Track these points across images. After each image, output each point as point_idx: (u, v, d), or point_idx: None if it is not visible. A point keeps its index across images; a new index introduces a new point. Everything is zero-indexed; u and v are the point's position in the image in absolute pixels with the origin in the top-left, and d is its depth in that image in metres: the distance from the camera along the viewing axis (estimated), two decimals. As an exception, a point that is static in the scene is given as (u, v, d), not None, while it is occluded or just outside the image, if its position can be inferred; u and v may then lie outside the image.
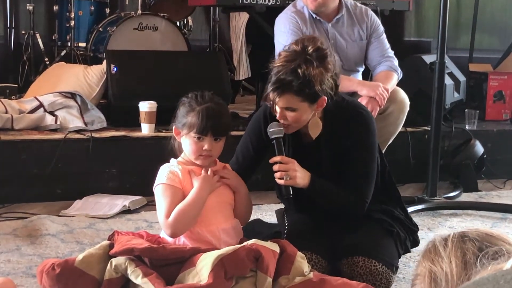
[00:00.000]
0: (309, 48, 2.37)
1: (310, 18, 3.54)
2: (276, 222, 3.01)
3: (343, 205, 2.50)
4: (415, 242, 2.66)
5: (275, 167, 2.37)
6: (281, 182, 2.36)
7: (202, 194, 2.27)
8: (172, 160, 2.38)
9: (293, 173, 2.36)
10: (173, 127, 2.36)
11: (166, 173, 2.30)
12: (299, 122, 2.44)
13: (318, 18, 3.53)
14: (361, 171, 2.49)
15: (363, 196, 2.48)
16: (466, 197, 3.94)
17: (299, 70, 2.32)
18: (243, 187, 2.42)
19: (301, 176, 2.38)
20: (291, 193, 2.39)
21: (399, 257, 2.54)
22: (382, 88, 3.32)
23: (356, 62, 3.62)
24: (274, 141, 2.43)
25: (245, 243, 2.15)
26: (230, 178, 2.38)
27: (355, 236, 2.47)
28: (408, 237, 2.60)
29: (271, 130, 2.45)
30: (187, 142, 2.31)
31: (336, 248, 2.47)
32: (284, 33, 3.51)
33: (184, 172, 2.31)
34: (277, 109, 2.41)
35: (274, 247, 2.17)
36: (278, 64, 2.37)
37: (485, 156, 4.22)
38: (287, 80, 2.34)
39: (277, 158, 2.38)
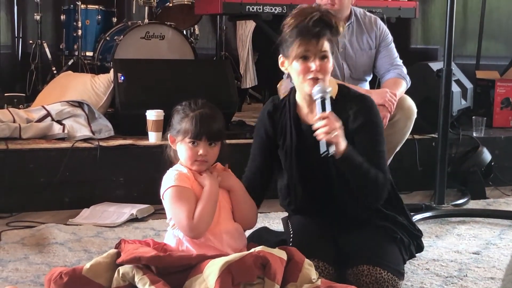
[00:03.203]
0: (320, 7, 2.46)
1: None
2: (283, 230, 3.01)
3: (373, 181, 2.40)
4: (420, 247, 2.66)
5: (321, 123, 2.28)
6: (327, 137, 2.27)
7: (215, 190, 2.28)
8: (176, 165, 2.38)
9: (339, 131, 2.29)
10: (168, 135, 2.37)
11: (174, 175, 2.30)
12: (329, 72, 2.41)
13: None
14: (377, 150, 2.45)
15: (386, 174, 2.44)
16: (474, 204, 3.93)
17: (325, 18, 2.37)
18: (236, 184, 2.40)
19: (343, 140, 2.31)
20: (330, 151, 2.28)
21: (404, 263, 2.53)
22: (389, 93, 3.32)
23: (365, 71, 3.63)
24: (319, 99, 2.35)
25: (252, 250, 2.15)
26: (221, 177, 2.36)
27: (358, 244, 2.45)
28: (412, 242, 2.59)
29: (316, 89, 2.36)
30: (182, 148, 2.32)
31: (340, 255, 2.46)
32: None
33: (190, 172, 2.32)
34: (311, 65, 2.36)
35: (282, 254, 2.17)
36: (297, 17, 2.38)
37: (492, 163, 4.21)
38: (326, 21, 2.37)
39: (325, 114, 2.31)
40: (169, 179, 2.30)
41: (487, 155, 4.20)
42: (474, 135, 4.47)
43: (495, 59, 6.30)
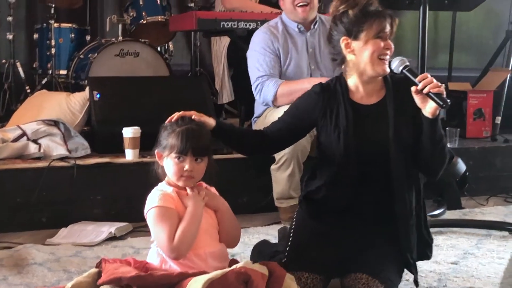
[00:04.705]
0: None
1: (284, 32, 3.78)
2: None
3: (444, 147, 2.49)
4: (426, 255, 2.68)
5: (426, 81, 2.37)
6: (437, 89, 2.38)
7: (198, 211, 2.29)
8: (161, 184, 2.39)
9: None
10: (155, 151, 2.38)
11: (158, 195, 2.30)
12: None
13: (298, 27, 3.78)
14: None
15: None
16: (450, 214, 3.97)
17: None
18: (223, 204, 2.42)
19: None
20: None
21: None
22: None
23: (332, 74, 3.71)
24: (404, 70, 2.47)
25: (234, 266, 2.15)
26: (208, 197, 2.38)
27: (367, 254, 2.46)
28: (423, 250, 2.64)
29: (394, 64, 2.50)
30: (169, 164, 2.32)
31: (343, 262, 2.46)
32: (255, 52, 3.77)
33: (175, 192, 2.32)
34: (386, 44, 2.49)
35: (263, 270, 2.18)
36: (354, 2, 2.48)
37: (467, 174, 4.25)
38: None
39: (424, 74, 2.41)
40: (153, 200, 2.30)
41: (461, 166, 4.23)
42: (448, 146, 4.51)
43: (467, 71, 6.38)
